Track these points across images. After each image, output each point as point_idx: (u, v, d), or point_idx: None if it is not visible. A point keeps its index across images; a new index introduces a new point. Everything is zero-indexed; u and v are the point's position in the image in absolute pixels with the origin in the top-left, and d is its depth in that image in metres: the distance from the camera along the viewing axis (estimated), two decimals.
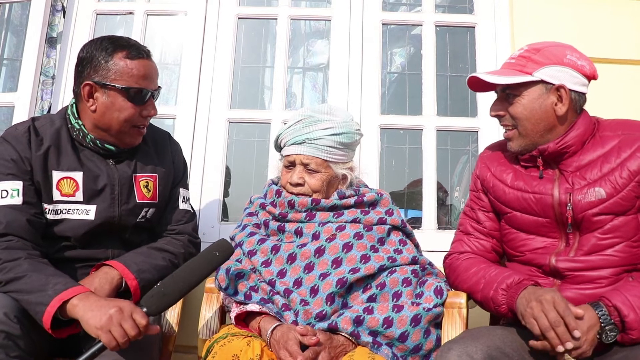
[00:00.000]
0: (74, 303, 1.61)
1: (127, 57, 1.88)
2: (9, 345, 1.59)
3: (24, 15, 3.32)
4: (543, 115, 1.80)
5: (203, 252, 1.82)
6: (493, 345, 1.61)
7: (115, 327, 1.55)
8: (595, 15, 2.92)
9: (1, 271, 1.69)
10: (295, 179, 2.03)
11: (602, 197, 1.75)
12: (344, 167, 2.07)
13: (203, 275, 1.77)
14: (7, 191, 1.81)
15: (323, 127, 2.00)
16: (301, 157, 2.02)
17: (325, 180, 2.03)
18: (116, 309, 1.57)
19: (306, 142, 2.00)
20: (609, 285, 1.72)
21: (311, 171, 2.02)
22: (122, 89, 1.87)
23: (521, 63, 1.82)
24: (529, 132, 1.83)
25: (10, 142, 1.86)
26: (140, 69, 1.90)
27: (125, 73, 1.87)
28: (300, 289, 1.87)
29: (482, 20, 3.01)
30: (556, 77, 1.78)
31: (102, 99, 1.88)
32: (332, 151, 2.01)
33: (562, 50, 1.81)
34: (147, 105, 1.95)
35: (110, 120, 1.90)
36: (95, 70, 1.87)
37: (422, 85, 2.97)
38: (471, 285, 1.86)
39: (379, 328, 1.77)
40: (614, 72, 2.80)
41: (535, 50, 1.82)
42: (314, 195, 2.03)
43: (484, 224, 2.00)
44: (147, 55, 1.94)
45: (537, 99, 1.80)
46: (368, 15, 3.03)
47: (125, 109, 1.89)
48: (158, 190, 2.06)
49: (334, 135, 2.00)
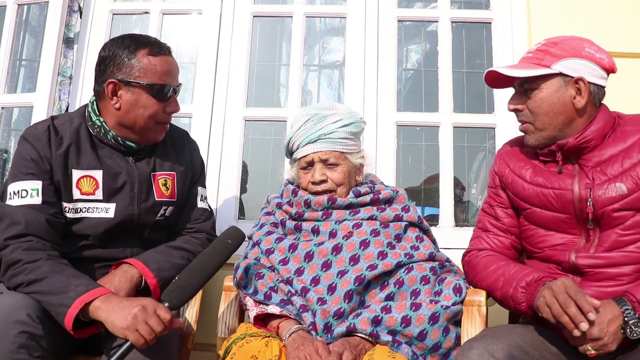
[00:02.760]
0: (97, 305, 1.62)
1: (150, 54, 1.89)
2: (32, 346, 1.60)
3: (42, 16, 3.36)
4: (562, 108, 1.78)
5: (215, 241, 1.82)
6: (514, 343, 1.59)
7: (142, 325, 1.56)
8: (612, 9, 2.88)
9: (22, 272, 1.70)
10: (317, 176, 2.03)
11: (623, 193, 1.72)
12: (358, 156, 2.09)
13: (218, 265, 1.78)
14: (27, 191, 1.82)
15: (333, 121, 2.02)
16: (319, 154, 2.02)
17: (346, 172, 2.04)
18: (140, 307, 1.58)
19: (320, 138, 2.01)
20: (630, 283, 1.69)
21: (331, 165, 2.03)
22: (147, 85, 1.88)
23: (539, 56, 1.80)
24: (547, 126, 1.81)
25: (30, 142, 1.87)
26: (163, 65, 1.91)
27: (149, 70, 1.88)
28: (317, 286, 1.87)
29: (499, 16, 2.98)
30: (575, 69, 1.76)
31: (127, 96, 1.89)
32: (346, 142, 2.03)
33: (580, 43, 1.80)
34: (171, 101, 1.96)
35: (135, 117, 1.91)
36: (118, 68, 1.88)
37: (438, 82, 2.95)
38: (490, 283, 1.84)
39: (398, 327, 1.77)
40: (632, 67, 2.76)
41: (553, 44, 1.80)
42: (338, 189, 2.04)
43: (503, 220, 1.98)
44: (169, 51, 1.96)
45: (555, 92, 1.78)
46: (383, 12, 3.02)
47: (149, 106, 1.90)
48: (177, 189, 2.07)
49: (344, 127, 2.02)
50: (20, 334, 1.58)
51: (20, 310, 1.61)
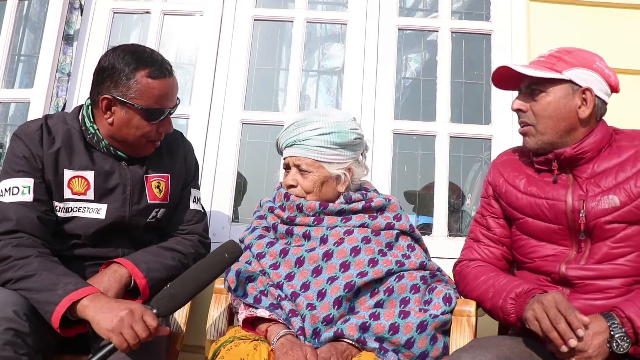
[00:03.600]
0: (84, 304, 1.61)
1: (149, 75, 1.84)
2: (18, 343, 1.59)
3: (42, 12, 3.36)
4: (566, 115, 1.79)
5: (211, 253, 1.82)
6: (502, 355, 1.58)
7: (127, 330, 1.55)
8: (613, 25, 2.88)
9: (12, 269, 1.69)
10: (289, 180, 2.05)
11: (616, 205, 1.73)
12: (339, 167, 2.04)
13: (212, 277, 1.77)
14: (19, 188, 1.82)
15: (311, 128, 2.00)
16: (292, 159, 2.03)
17: (317, 181, 2.02)
18: (127, 311, 1.57)
19: (296, 143, 2.02)
20: (618, 296, 1.69)
21: (303, 172, 2.03)
22: (142, 109, 1.85)
23: (551, 62, 1.81)
24: (548, 130, 1.81)
25: (22, 139, 1.86)
26: (161, 89, 1.86)
27: (145, 93, 1.84)
28: (307, 292, 1.87)
29: (499, 27, 2.99)
30: (584, 79, 1.78)
31: (120, 114, 1.86)
32: (323, 151, 2.00)
33: (592, 56, 1.83)
34: (164, 122, 1.94)
35: (126, 134, 1.90)
36: (115, 85, 1.84)
37: (437, 92, 2.95)
38: (480, 293, 1.84)
39: (385, 334, 1.76)
40: (632, 83, 2.76)
41: (566, 52, 1.82)
42: (307, 196, 2.02)
43: (494, 230, 1.98)
44: (170, 73, 1.90)
45: (562, 97, 1.79)
46: (384, 20, 3.02)
47: (142, 127, 1.88)
48: (170, 191, 2.06)
49: (322, 135, 1.99)
50: (6, 331, 1.57)
51: (7, 306, 1.61)
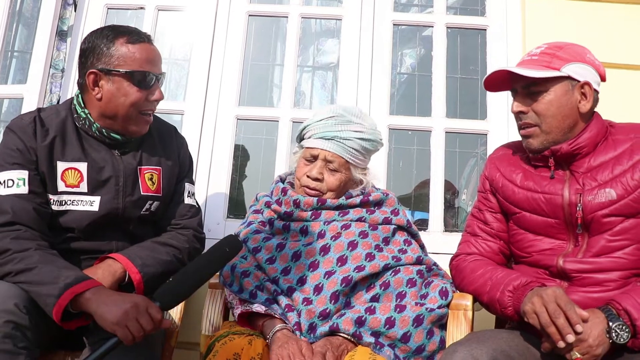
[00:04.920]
0: (87, 297, 1.60)
1: (129, 42, 1.88)
2: (17, 336, 1.58)
3: (35, 7, 3.33)
4: (569, 112, 1.79)
5: (213, 247, 1.80)
6: (499, 348, 1.58)
7: (132, 322, 1.55)
8: (607, 19, 2.89)
9: (11, 262, 1.68)
10: (315, 173, 2.02)
11: (612, 199, 1.73)
12: (361, 172, 2.08)
13: (213, 271, 1.76)
14: (13, 180, 1.80)
15: (355, 130, 2.01)
16: (326, 153, 2.01)
17: (343, 182, 2.03)
18: (132, 304, 1.57)
19: (335, 139, 2.00)
20: (616, 289, 1.69)
21: (332, 170, 2.02)
22: (126, 73, 1.87)
23: (546, 59, 1.80)
24: (553, 129, 1.80)
25: (15, 132, 1.85)
26: (142, 52, 1.89)
27: (128, 57, 1.87)
28: (304, 287, 1.86)
29: (494, 22, 2.98)
30: (581, 74, 1.78)
31: (107, 86, 1.88)
32: (356, 154, 2.03)
33: (582, 49, 1.83)
34: (153, 89, 1.93)
35: (116, 106, 1.89)
36: (98, 59, 1.87)
37: (432, 87, 2.95)
38: (477, 287, 1.84)
39: (381, 328, 1.76)
40: (625, 77, 2.77)
41: (558, 48, 1.81)
42: (327, 194, 2.02)
43: (492, 225, 1.98)
44: (148, 39, 1.94)
45: (563, 95, 1.78)
46: (379, 15, 3.01)
47: (130, 94, 1.88)
48: (162, 184, 2.05)
49: (362, 140, 2.02)
50: (6, 323, 1.56)
51: (8, 299, 1.59)
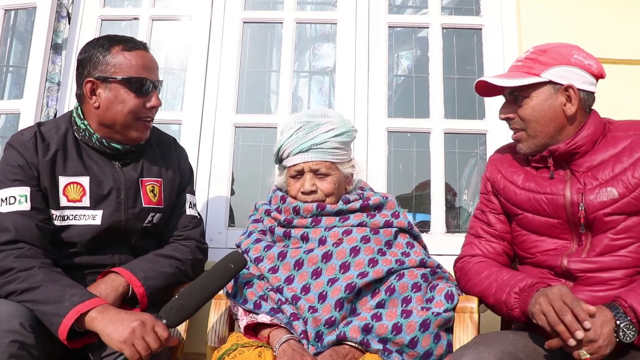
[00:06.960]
0: (93, 315, 1.61)
1: (125, 49, 1.90)
2: (23, 355, 1.57)
3: (29, 22, 3.33)
4: (552, 116, 1.79)
5: (217, 264, 1.80)
6: (506, 350, 1.58)
7: (139, 341, 1.56)
8: (603, 15, 2.88)
9: (15, 280, 1.67)
10: (307, 186, 2.01)
11: (614, 197, 1.72)
12: (348, 165, 2.07)
13: (218, 287, 1.77)
14: (15, 197, 1.80)
15: (326, 130, 2.00)
16: (309, 164, 2.00)
17: (336, 182, 2.03)
18: (139, 322, 1.57)
19: (312, 148, 1.99)
20: (621, 287, 1.69)
21: (322, 175, 2.01)
22: (123, 79, 1.88)
23: (528, 65, 1.81)
24: (538, 134, 1.81)
25: (16, 148, 1.85)
26: (138, 59, 1.91)
27: (124, 64, 1.89)
28: (308, 295, 1.85)
29: (489, 22, 2.98)
30: (564, 77, 1.77)
31: (105, 94, 1.89)
32: (336, 152, 2.01)
33: (568, 50, 1.81)
34: (150, 96, 1.94)
35: (114, 114, 1.90)
36: (94, 67, 1.89)
37: (429, 88, 2.94)
38: (483, 289, 1.83)
39: (389, 335, 1.75)
40: (623, 73, 2.77)
41: (542, 52, 1.81)
42: (327, 199, 2.02)
43: (495, 226, 1.98)
44: (144, 47, 1.96)
45: (545, 99, 1.79)
46: (374, 18, 3.01)
47: (128, 101, 1.89)
48: (163, 196, 2.05)
49: (336, 136, 2.00)
50: (11, 343, 1.55)
51: (14, 319, 1.59)
